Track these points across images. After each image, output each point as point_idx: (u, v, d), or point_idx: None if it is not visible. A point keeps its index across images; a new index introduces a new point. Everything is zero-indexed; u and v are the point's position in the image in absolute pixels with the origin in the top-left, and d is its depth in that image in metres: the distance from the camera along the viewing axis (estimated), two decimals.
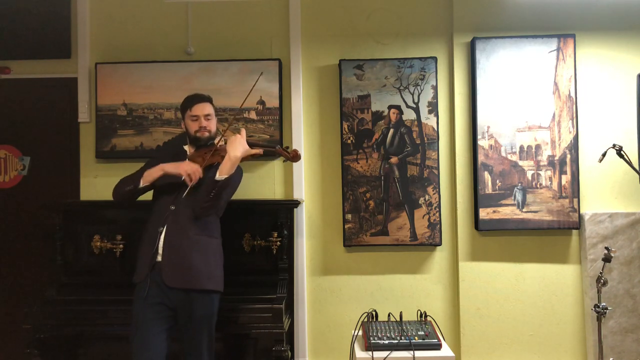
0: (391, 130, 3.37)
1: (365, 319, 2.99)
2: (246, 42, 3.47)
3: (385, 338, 2.77)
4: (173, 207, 2.58)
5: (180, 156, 2.73)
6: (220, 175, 2.53)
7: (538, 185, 3.30)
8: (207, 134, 2.71)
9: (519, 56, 3.31)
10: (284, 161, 2.72)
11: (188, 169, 2.54)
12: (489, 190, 3.31)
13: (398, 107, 3.37)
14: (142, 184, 2.60)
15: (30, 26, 3.46)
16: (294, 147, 3.40)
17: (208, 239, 2.61)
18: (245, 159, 2.66)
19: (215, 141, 2.71)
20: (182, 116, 2.77)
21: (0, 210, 3.50)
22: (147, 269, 2.52)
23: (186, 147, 2.79)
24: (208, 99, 2.77)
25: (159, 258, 2.52)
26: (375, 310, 3.03)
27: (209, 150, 2.67)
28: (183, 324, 2.54)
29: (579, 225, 3.28)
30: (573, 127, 3.30)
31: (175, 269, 2.50)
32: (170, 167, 2.59)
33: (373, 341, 2.75)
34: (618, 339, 3.23)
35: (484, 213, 3.29)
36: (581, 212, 3.30)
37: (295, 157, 2.74)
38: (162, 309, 2.50)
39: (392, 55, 3.43)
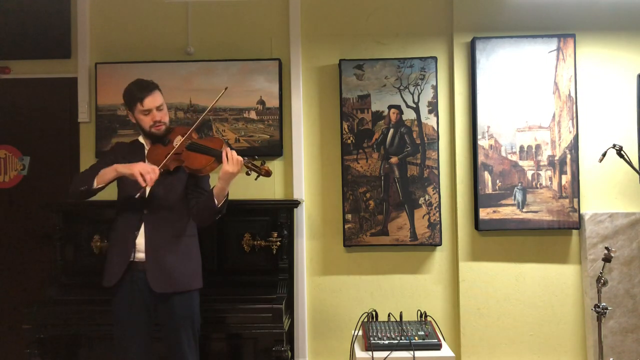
0: (391, 130, 3.37)
1: (365, 319, 2.99)
2: (246, 42, 3.46)
3: (385, 338, 2.77)
4: (146, 211, 2.46)
5: (138, 151, 2.56)
6: (218, 202, 2.40)
7: (538, 185, 3.30)
8: (163, 127, 2.49)
9: (519, 56, 3.31)
10: (255, 178, 2.43)
11: (142, 169, 2.31)
12: (489, 190, 3.30)
13: (398, 107, 3.37)
14: (96, 184, 2.39)
15: (30, 26, 3.46)
16: (294, 147, 3.40)
17: (187, 238, 2.52)
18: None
19: (175, 142, 2.50)
20: (131, 110, 2.49)
21: (0, 210, 3.50)
22: (121, 271, 2.43)
23: (142, 140, 2.60)
24: (156, 86, 2.51)
25: (134, 259, 2.44)
26: (375, 310, 3.03)
27: (166, 150, 2.48)
28: (163, 325, 2.49)
29: (579, 225, 3.28)
30: (573, 127, 3.30)
31: (161, 275, 2.42)
32: (123, 168, 2.38)
33: (373, 341, 2.75)
34: (618, 339, 3.23)
35: (484, 213, 3.29)
36: (581, 212, 3.30)
37: (267, 172, 2.41)
38: (142, 310, 2.45)
39: (392, 55, 3.42)
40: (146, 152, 2.54)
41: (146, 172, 2.31)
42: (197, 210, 2.49)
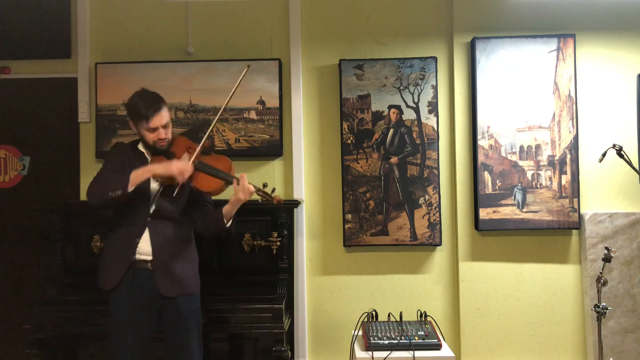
0: (391, 130, 3.37)
1: (365, 319, 2.99)
2: (246, 42, 3.47)
3: (385, 338, 2.77)
4: (150, 218, 2.46)
5: (140, 159, 2.52)
6: (227, 221, 2.52)
7: (538, 185, 3.30)
8: (166, 143, 2.49)
9: (519, 56, 3.31)
10: (261, 200, 2.51)
11: (181, 167, 2.36)
12: (489, 190, 3.30)
13: (398, 107, 3.37)
14: (130, 188, 2.34)
15: (30, 26, 3.46)
16: (294, 147, 3.40)
17: (188, 243, 2.56)
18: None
19: (181, 159, 2.47)
20: (134, 123, 2.46)
21: (0, 210, 3.50)
22: (122, 272, 2.42)
23: (141, 148, 2.56)
24: (163, 103, 2.47)
25: (136, 258, 2.42)
26: (375, 310, 3.03)
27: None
28: (168, 326, 2.49)
29: (579, 225, 3.28)
30: (573, 127, 3.30)
31: (171, 280, 2.43)
32: (159, 168, 2.38)
33: (373, 341, 2.75)
34: (618, 339, 3.23)
35: (484, 213, 3.29)
36: (581, 212, 3.30)
37: (279, 202, 2.48)
38: (143, 310, 2.44)
39: (392, 55, 3.43)
40: (149, 162, 2.50)
41: (184, 170, 2.37)
42: (205, 225, 2.57)
